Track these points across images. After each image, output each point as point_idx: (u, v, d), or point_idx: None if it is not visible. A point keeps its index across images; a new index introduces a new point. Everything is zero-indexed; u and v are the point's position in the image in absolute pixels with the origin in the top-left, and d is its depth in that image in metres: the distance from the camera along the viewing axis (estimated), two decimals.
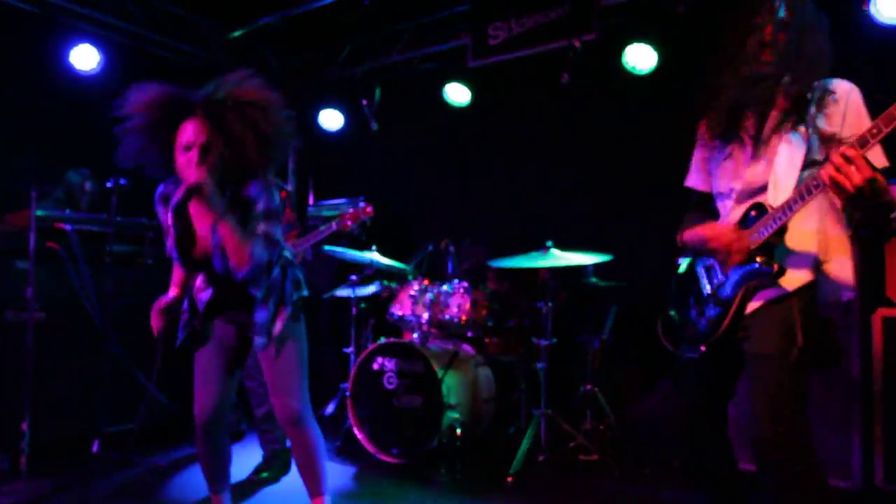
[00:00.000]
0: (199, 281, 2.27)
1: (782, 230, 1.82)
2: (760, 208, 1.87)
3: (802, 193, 1.73)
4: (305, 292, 2.33)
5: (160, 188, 2.24)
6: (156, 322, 2.24)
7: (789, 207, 1.77)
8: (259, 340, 2.19)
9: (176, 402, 3.79)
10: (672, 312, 2.12)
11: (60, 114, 4.58)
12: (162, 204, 2.22)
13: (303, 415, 2.24)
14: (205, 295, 2.24)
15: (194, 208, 2.13)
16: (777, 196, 1.83)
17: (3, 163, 4.33)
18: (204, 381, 2.28)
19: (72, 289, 3.29)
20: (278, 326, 2.22)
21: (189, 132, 2.05)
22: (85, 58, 4.40)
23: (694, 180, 2.16)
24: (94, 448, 3.30)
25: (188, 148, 2.05)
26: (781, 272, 1.82)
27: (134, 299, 3.62)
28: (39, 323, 3.15)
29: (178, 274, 2.31)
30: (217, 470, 2.39)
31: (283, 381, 2.24)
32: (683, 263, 2.17)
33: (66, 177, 4.14)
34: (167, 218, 2.16)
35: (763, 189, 1.88)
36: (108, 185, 3.43)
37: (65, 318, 3.37)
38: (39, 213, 3.10)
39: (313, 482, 2.29)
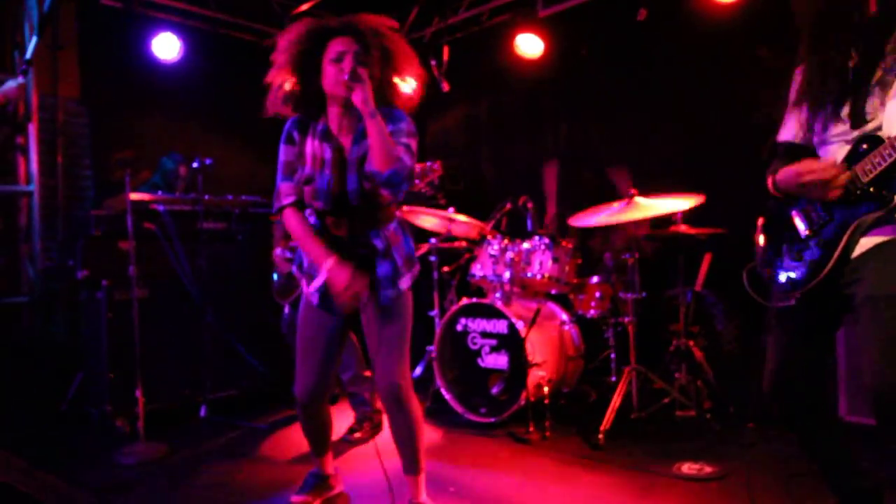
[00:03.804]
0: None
1: None
2: (874, 140, 1.64)
3: None
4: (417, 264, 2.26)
5: (292, 119, 2.20)
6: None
7: None
8: (386, 293, 2.13)
9: (273, 369, 3.98)
10: (757, 264, 1.93)
11: (149, 102, 4.83)
12: (298, 132, 2.17)
13: (404, 390, 2.15)
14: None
15: (336, 125, 2.13)
16: (894, 127, 1.59)
17: (103, 154, 4.65)
18: (305, 358, 2.26)
19: (170, 265, 3.50)
20: (406, 280, 2.18)
21: (340, 43, 2.06)
22: (166, 47, 4.59)
23: (787, 134, 1.89)
24: (202, 413, 3.53)
25: (340, 57, 2.05)
26: None
27: (226, 272, 3.82)
28: (143, 299, 3.38)
29: (312, 239, 2.15)
30: (318, 438, 2.45)
31: (388, 352, 2.15)
32: (768, 215, 1.95)
33: (160, 162, 4.38)
34: (311, 145, 2.13)
35: (878, 130, 1.65)
36: (195, 165, 3.58)
37: (167, 293, 3.59)
38: (134, 196, 3.28)
39: (410, 459, 2.24)
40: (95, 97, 4.64)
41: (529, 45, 4.71)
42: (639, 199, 3.31)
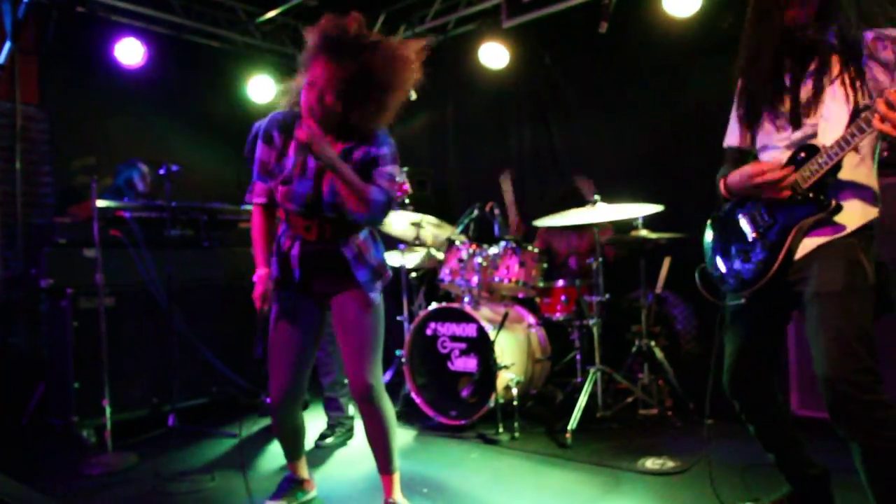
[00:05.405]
0: (285, 240, 2.23)
1: (836, 168, 1.73)
2: (811, 149, 1.78)
3: (861, 127, 1.62)
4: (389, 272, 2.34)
5: (272, 117, 2.20)
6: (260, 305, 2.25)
7: (846, 142, 1.66)
8: (373, 295, 2.21)
9: (243, 377, 3.95)
10: (708, 265, 2.04)
11: (112, 108, 4.77)
12: (279, 132, 2.18)
13: (377, 391, 2.21)
14: (294, 251, 2.19)
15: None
16: (828, 136, 1.74)
17: (63, 161, 4.56)
18: (278, 364, 2.28)
19: (137, 273, 3.46)
20: (379, 285, 2.25)
21: (315, 67, 2.03)
22: (130, 52, 4.54)
23: (732, 139, 2.03)
24: (171, 422, 3.49)
25: (312, 85, 2.04)
26: (838, 209, 1.74)
27: (194, 279, 3.79)
28: (110, 307, 3.33)
29: (260, 246, 2.27)
30: (291, 443, 2.47)
31: (360, 354, 2.21)
32: (713, 221, 2.07)
33: (122, 168, 4.31)
34: (293, 150, 2.14)
35: (813, 137, 1.80)
36: (161, 172, 3.55)
37: (133, 301, 3.55)
38: (100, 203, 3.24)
39: (384, 459, 2.30)
40: (56, 103, 4.55)
41: (493, 56, 4.81)
42: (601, 205, 3.43)
